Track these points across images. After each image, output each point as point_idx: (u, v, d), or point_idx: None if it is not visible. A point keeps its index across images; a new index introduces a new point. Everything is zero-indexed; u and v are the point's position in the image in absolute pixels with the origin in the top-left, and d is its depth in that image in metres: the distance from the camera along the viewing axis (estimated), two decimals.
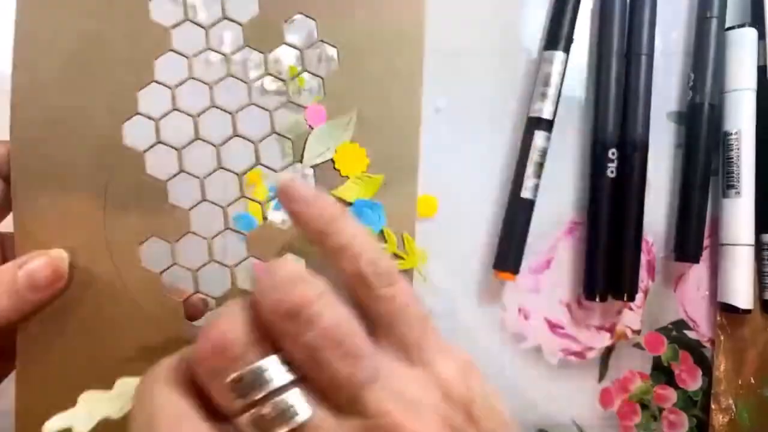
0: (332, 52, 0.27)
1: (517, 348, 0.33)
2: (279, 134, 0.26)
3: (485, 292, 0.33)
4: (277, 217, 0.27)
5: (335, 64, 0.27)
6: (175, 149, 0.26)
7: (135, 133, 0.26)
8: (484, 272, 0.33)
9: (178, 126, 0.26)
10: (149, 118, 0.26)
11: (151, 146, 0.26)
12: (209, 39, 0.26)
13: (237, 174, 0.27)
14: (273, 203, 0.27)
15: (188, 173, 0.26)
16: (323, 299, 0.18)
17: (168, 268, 0.26)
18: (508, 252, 0.32)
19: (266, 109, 0.26)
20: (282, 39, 0.26)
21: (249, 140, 0.27)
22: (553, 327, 0.33)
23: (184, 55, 0.26)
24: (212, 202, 0.27)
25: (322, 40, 0.26)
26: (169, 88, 0.26)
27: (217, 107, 0.26)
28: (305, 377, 0.19)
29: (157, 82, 0.26)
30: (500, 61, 0.33)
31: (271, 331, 0.19)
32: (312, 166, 0.26)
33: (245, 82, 0.27)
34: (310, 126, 0.26)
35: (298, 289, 0.18)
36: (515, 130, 0.33)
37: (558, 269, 0.33)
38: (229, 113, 0.26)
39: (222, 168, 0.27)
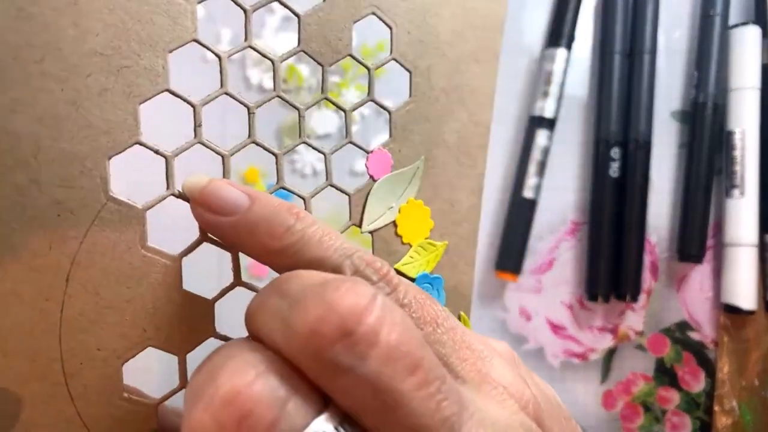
0: (402, 76, 0.19)
1: (518, 349, 0.33)
2: (335, 186, 0.18)
3: (487, 293, 0.33)
4: None
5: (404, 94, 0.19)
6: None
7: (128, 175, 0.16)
8: (485, 272, 0.33)
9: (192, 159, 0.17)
10: (156, 152, 0.16)
11: (160, 200, 0.17)
12: (249, 32, 0.17)
13: None
14: None
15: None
16: (380, 301, 0.12)
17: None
18: (510, 252, 0.32)
19: (321, 152, 0.19)
20: (348, 50, 0.18)
21: (298, 195, 0.19)
22: (555, 328, 0.33)
23: (213, 53, 0.17)
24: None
25: (395, 59, 0.19)
26: (193, 106, 0.17)
27: (257, 143, 0.18)
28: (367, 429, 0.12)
29: (170, 92, 0.16)
30: (502, 58, 0.33)
31: (306, 370, 0.12)
32: (371, 231, 0.19)
33: (296, 109, 0.18)
34: (372, 177, 0.19)
35: (347, 296, 0.12)
36: (517, 129, 0.32)
37: (560, 270, 0.33)
38: (274, 154, 0.18)
39: None
